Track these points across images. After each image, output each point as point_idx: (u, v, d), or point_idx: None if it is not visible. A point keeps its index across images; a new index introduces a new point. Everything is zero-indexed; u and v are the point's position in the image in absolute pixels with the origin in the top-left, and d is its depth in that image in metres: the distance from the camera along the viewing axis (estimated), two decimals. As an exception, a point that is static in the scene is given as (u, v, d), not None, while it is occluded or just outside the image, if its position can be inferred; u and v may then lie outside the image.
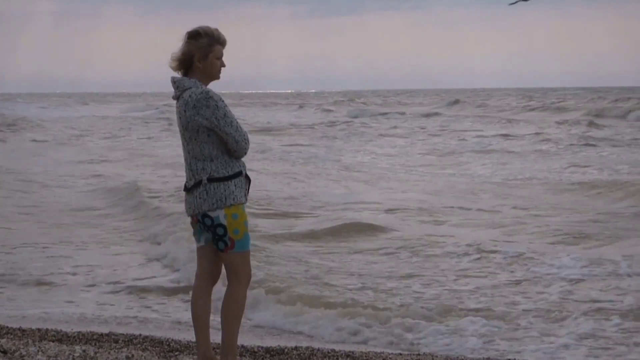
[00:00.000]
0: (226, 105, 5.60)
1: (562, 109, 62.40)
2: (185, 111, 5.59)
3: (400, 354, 7.23)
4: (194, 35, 5.63)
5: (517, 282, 10.55)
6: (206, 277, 5.80)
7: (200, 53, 5.62)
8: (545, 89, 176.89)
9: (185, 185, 5.72)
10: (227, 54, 5.74)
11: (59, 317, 9.18)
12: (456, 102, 76.97)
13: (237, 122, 5.60)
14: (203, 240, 5.74)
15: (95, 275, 11.51)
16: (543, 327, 8.55)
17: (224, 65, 5.72)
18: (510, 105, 73.22)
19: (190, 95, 5.58)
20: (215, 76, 5.72)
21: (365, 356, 7.04)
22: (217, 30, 5.67)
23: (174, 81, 5.66)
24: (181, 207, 8.17)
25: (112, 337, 7.56)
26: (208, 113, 5.54)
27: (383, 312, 8.96)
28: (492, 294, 9.95)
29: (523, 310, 9.18)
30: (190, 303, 5.89)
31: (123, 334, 7.72)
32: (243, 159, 5.72)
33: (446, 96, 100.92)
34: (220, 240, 5.62)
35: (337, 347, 7.46)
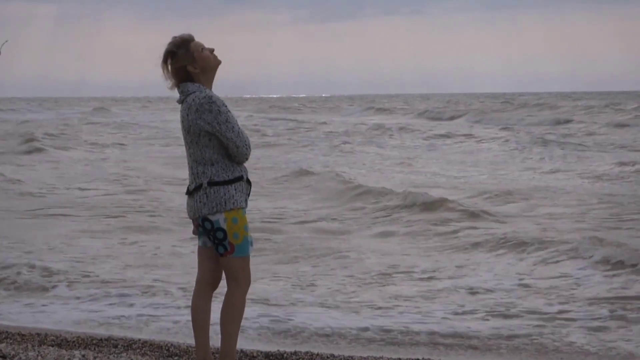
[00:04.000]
0: (229, 111, 5.63)
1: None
2: (188, 115, 5.63)
3: (400, 359, 7.25)
4: (172, 54, 5.68)
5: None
6: (206, 281, 5.83)
7: (187, 60, 5.66)
8: (534, 93, 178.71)
9: (187, 189, 5.76)
10: (227, 59, 5.79)
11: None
12: (387, 110, 79.34)
13: (239, 128, 5.63)
14: (205, 242, 5.78)
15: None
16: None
17: (212, 50, 5.75)
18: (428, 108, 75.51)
19: (193, 100, 5.62)
20: (215, 62, 5.72)
21: (365, 360, 7.06)
22: (176, 36, 5.73)
23: (179, 85, 5.70)
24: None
25: (112, 341, 7.54)
26: (210, 118, 5.58)
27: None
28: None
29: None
30: (190, 307, 5.91)
31: (122, 339, 7.70)
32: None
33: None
34: (219, 245, 5.65)
35: (335, 353, 7.47)
